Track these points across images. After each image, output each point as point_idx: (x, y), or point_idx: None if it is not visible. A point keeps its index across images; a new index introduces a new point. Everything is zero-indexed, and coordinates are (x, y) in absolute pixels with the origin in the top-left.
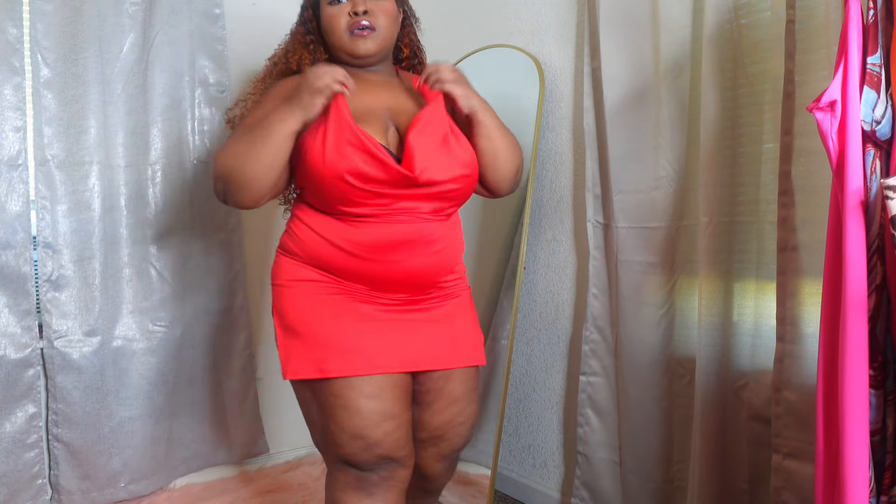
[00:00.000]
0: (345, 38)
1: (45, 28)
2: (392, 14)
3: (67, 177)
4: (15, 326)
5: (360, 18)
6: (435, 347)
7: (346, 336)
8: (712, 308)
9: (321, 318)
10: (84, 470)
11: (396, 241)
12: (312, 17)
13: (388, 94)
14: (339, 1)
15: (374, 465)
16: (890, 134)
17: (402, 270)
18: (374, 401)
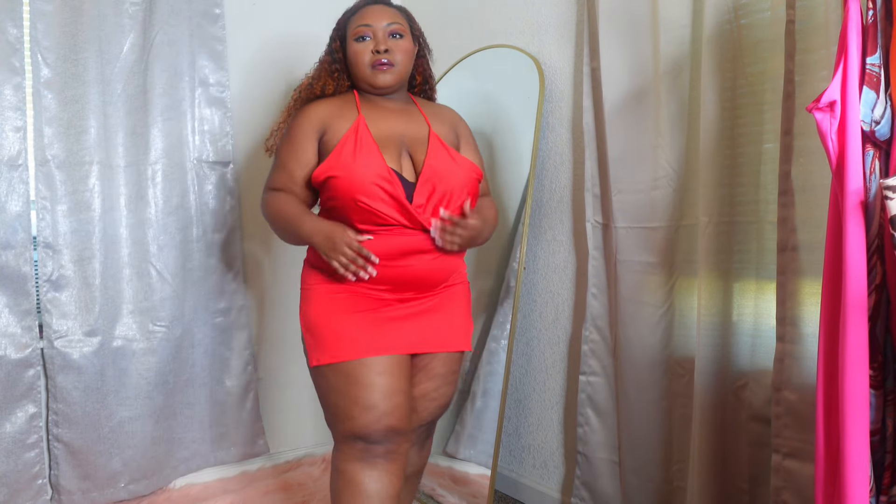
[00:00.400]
0: (367, 71)
1: (45, 28)
2: (409, 51)
3: (67, 177)
4: (15, 326)
5: (381, 56)
6: (431, 332)
7: (359, 329)
8: (712, 308)
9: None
10: (84, 470)
11: (405, 250)
12: (339, 48)
13: (403, 121)
14: (364, 38)
15: (381, 437)
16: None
17: (411, 274)
18: (384, 377)
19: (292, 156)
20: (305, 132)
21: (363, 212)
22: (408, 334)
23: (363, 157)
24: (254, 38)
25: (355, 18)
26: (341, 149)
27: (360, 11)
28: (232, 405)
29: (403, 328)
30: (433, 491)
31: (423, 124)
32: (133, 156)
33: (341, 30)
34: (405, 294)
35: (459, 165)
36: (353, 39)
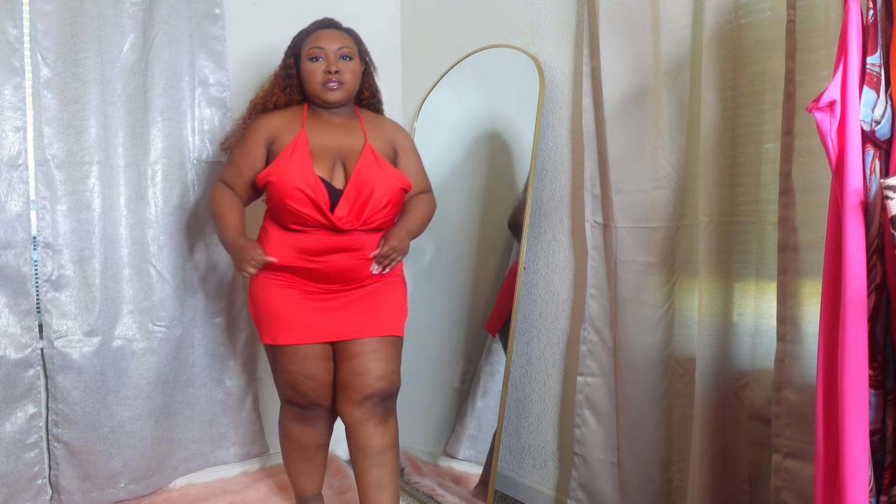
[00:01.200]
0: (319, 88)
1: (45, 28)
2: (357, 71)
3: (67, 177)
4: (15, 326)
5: (331, 76)
6: (356, 321)
7: (288, 314)
8: (712, 308)
9: (275, 302)
10: (84, 470)
11: (327, 248)
12: (294, 65)
13: (343, 135)
14: (317, 59)
15: (307, 406)
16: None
17: (332, 269)
18: (298, 365)
19: (243, 157)
20: (256, 139)
21: (291, 213)
22: (332, 324)
23: (295, 165)
24: (254, 38)
25: (310, 40)
26: (282, 157)
27: (314, 34)
28: (232, 405)
29: (328, 318)
30: (433, 491)
31: (360, 137)
32: (133, 156)
33: (296, 48)
34: (330, 286)
35: (385, 175)
36: (307, 59)
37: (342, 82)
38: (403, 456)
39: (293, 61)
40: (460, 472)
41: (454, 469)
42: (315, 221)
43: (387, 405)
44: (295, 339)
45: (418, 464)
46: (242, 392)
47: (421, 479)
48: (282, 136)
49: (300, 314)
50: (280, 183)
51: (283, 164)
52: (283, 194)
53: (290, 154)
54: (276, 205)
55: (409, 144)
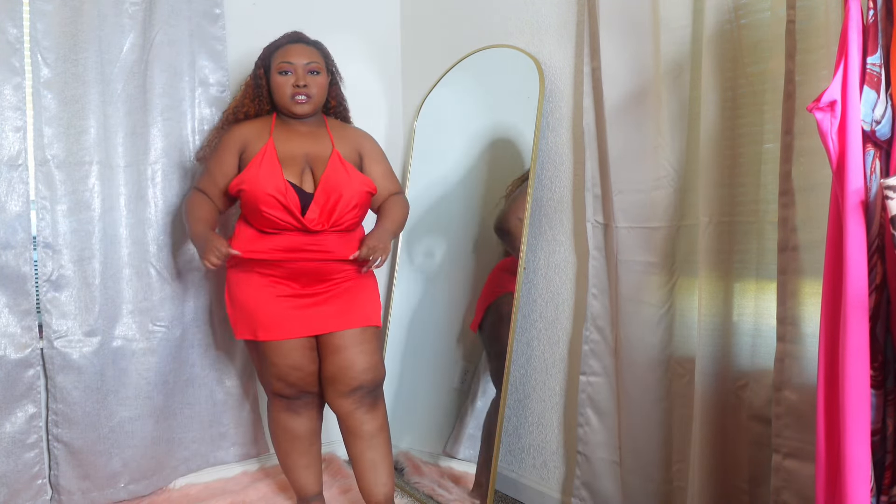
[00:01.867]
0: (288, 101)
1: (45, 28)
2: (323, 85)
3: (67, 177)
4: (15, 326)
5: (300, 90)
6: (329, 317)
7: (268, 312)
8: (712, 308)
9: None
10: (84, 470)
11: (298, 248)
12: (264, 75)
13: (310, 142)
14: (286, 73)
15: (296, 396)
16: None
17: (305, 267)
18: (284, 358)
19: (217, 166)
20: (228, 148)
21: (265, 218)
22: (312, 319)
23: (266, 172)
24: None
25: (279, 54)
26: (251, 166)
27: (283, 48)
28: (232, 405)
29: (308, 314)
30: (433, 491)
31: (328, 145)
32: (133, 156)
33: (266, 60)
34: (306, 284)
35: (352, 179)
36: (276, 73)
37: (310, 96)
38: (403, 456)
39: (263, 72)
40: (460, 472)
41: (454, 469)
42: (288, 224)
43: (375, 394)
44: (276, 334)
45: (418, 464)
46: (242, 392)
47: (421, 479)
48: (252, 145)
49: (279, 310)
50: (252, 190)
51: (253, 172)
52: (257, 200)
53: (260, 162)
54: (250, 210)
55: (375, 149)
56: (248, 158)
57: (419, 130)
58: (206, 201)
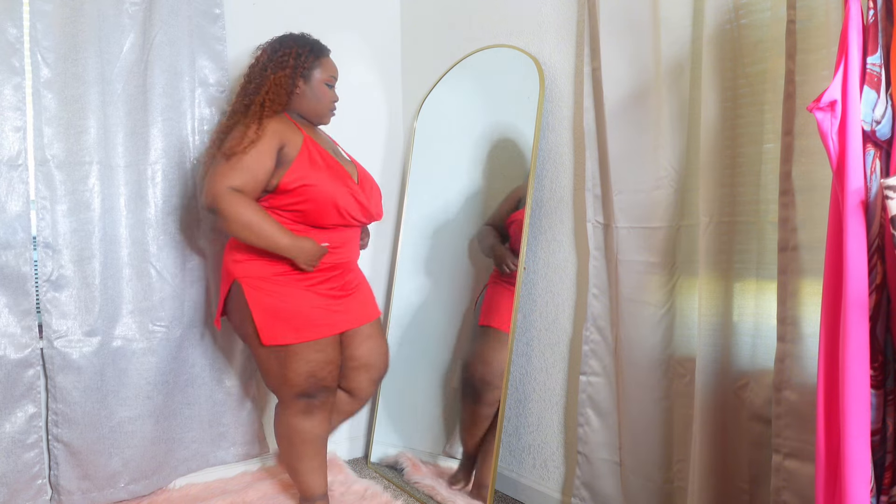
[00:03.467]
0: (326, 112)
1: (45, 28)
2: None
3: (67, 177)
4: (15, 326)
5: (334, 104)
6: (359, 309)
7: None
8: (712, 308)
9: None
10: (84, 470)
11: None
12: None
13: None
14: (331, 87)
15: (320, 394)
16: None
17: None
18: (323, 354)
19: (259, 161)
20: (271, 143)
21: (338, 213)
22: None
23: (332, 168)
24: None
25: (326, 65)
26: (306, 161)
27: (327, 60)
28: (232, 405)
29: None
30: (433, 490)
31: (332, 142)
32: (133, 156)
33: (308, 65)
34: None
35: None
36: (323, 83)
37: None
38: (403, 456)
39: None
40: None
41: (454, 469)
42: (353, 220)
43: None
44: (323, 332)
45: (418, 464)
46: (242, 392)
47: (421, 479)
48: (291, 141)
49: (325, 307)
50: (324, 186)
51: (314, 169)
52: (335, 196)
53: (313, 157)
54: (320, 206)
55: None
56: (289, 154)
57: (419, 130)
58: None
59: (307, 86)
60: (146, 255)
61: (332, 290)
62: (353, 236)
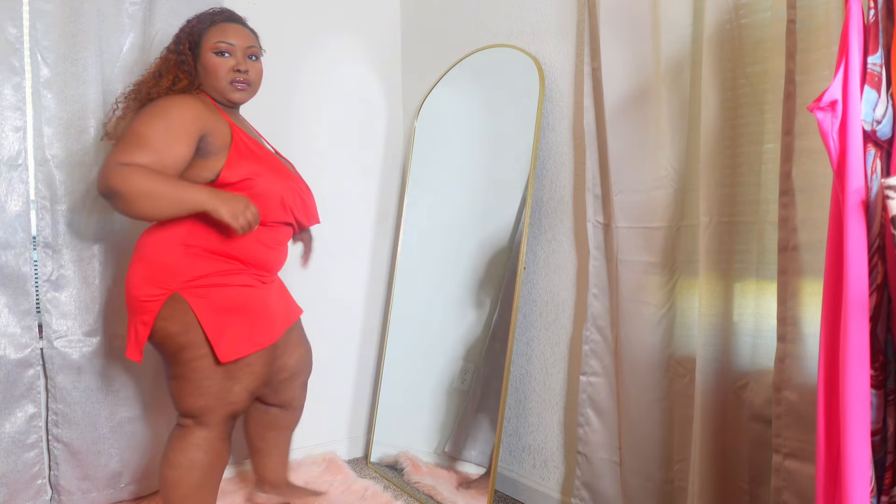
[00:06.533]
0: (225, 85)
1: (45, 28)
2: (261, 73)
3: (67, 177)
4: (15, 326)
5: (240, 75)
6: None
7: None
8: (712, 308)
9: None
10: (84, 470)
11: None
12: (188, 51)
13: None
14: (223, 54)
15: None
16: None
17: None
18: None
19: (169, 145)
20: (188, 126)
21: (282, 209)
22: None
23: (272, 163)
24: None
25: (215, 32)
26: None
27: (220, 26)
28: None
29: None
30: (433, 490)
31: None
32: None
33: (194, 36)
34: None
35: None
36: (210, 52)
37: (249, 83)
38: (403, 456)
39: (188, 47)
40: (460, 472)
41: (454, 469)
42: (295, 217)
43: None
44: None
45: (418, 464)
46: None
47: (421, 478)
48: (216, 129)
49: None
50: (269, 181)
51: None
52: (280, 192)
53: (249, 150)
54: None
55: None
56: (214, 143)
57: (419, 130)
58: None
59: (202, 60)
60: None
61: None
62: (287, 238)
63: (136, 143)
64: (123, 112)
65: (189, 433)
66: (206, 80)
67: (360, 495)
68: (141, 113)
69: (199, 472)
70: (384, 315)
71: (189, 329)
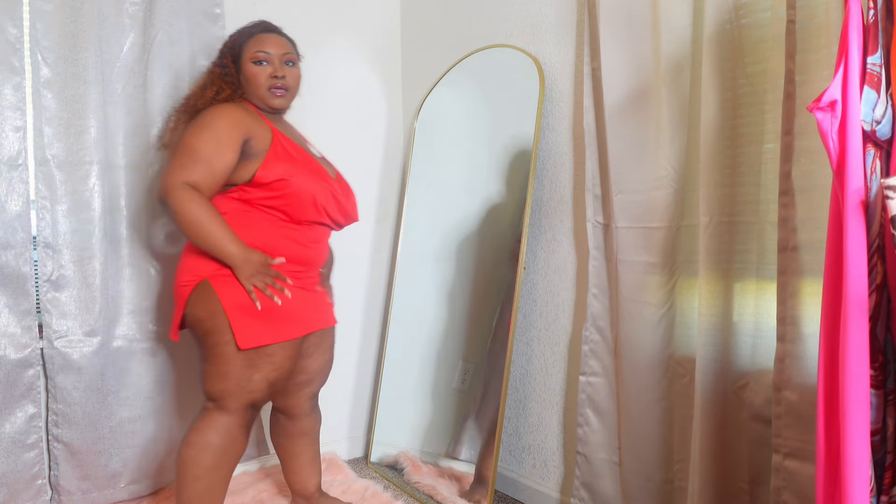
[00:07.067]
0: (264, 92)
1: (45, 28)
2: (299, 78)
3: (67, 177)
4: (15, 326)
5: (277, 81)
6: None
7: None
8: (712, 308)
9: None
10: (84, 470)
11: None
12: (231, 64)
13: (294, 135)
14: (261, 63)
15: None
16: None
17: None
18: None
19: (218, 153)
20: (233, 134)
21: (315, 209)
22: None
23: (308, 164)
24: None
25: (253, 43)
26: (280, 156)
27: (257, 37)
28: None
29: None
30: (433, 490)
31: (301, 139)
32: (133, 155)
33: (234, 49)
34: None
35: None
36: (250, 62)
37: (287, 88)
38: (403, 456)
39: (230, 60)
40: (460, 472)
41: (454, 469)
42: (330, 217)
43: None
44: (308, 328)
45: (418, 464)
46: None
47: (421, 478)
48: (258, 132)
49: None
50: (302, 182)
51: (290, 163)
52: (313, 192)
53: (287, 153)
54: (297, 201)
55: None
56: (256, 146)
57: (419, 131)
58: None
59: (243, 70)
60: (146, 255)
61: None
62: (325, 237)
63: (189, 155)
64: (175, 124)
65: (209, 416)
66: (248, 89)
67: (360, 495)
68: (191, 125)
69: (212, 454)
70: (384, 315)
71: (214, 315)
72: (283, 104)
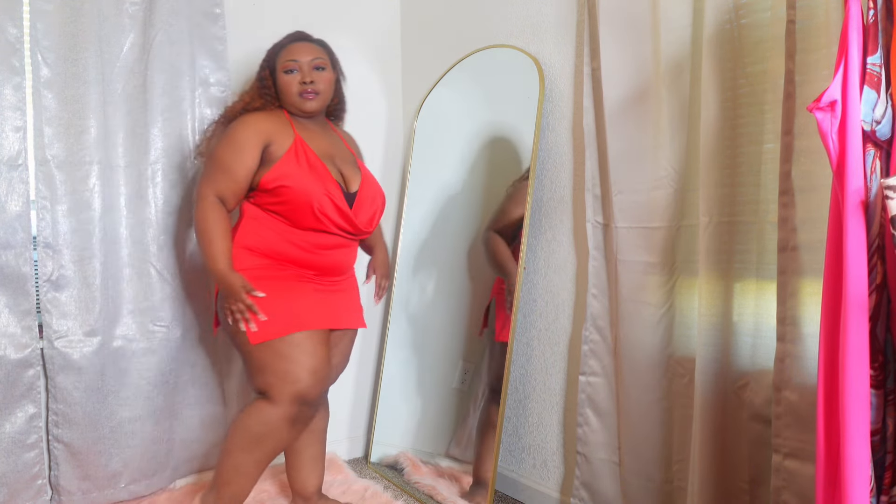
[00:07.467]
0: (296, 98)
1: (45, 28)
2: (330, 81)
3: (67, 177)
4: (15, 326)
5: (307, 86)
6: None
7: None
8: (712, 308)
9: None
10: (84, 470)
11: (333, 245)
12: (269, 76)
13: (328, 142)
14: (292, 72)
15: (316, 400)
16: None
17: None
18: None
19: (238, 160)
20: (251, 140)
21: (314, 216)
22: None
23: (315, 171)
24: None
25: (284, 53)
26: (291, 161)
27: (287, 47)
28: (232, 406)
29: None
30: (433, 490)
31: (343, 146)
32: (133, 155)
33: (271, 61)
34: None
35: (378, 185)
36: (282, 72)
37: (317, 92)
38: (403, 456)
39: (268, 73)
40: (460, 472)
41: (454, 469)
42: (334, 226)
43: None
44: (321, 323)
45: (418, 464)
46: (242, 393)
47: (421, 479)
48: (278, 138)
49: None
50: (302, 187)
51: (296, 169)
52: (311, 199)
53: (298, 158)
54: (296, 208)
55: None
56: (275, 152)
57: (419, 131)
58: (225, 221)
59: (278, 81)
60: (146, 254)
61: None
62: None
63: (214, 166)
64: (212, 133)
65: (255, 403)
66: (282, 98)
67: (360, 495)
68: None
69: (248, 437)
70: (384, 315)
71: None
72: (314, 107)
